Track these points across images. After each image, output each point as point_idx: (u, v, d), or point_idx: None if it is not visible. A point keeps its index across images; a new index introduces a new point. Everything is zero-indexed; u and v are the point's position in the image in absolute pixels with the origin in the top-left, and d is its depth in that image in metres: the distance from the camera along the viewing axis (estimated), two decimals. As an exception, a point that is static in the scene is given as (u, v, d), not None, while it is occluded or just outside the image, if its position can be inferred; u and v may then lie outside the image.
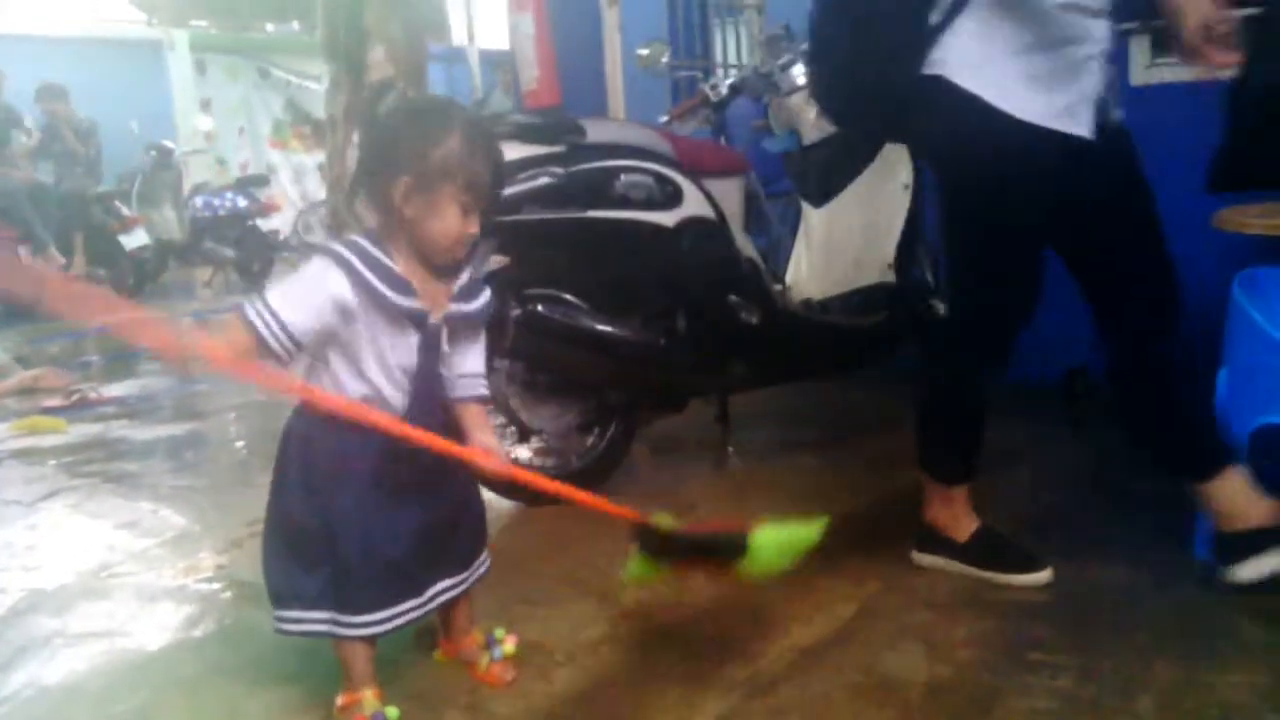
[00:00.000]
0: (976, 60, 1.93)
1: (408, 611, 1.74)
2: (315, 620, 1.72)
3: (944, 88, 1.95)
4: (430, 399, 1.76)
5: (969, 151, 1.99)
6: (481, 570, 1.90)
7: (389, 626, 1.71)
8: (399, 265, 1.66)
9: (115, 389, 4.95)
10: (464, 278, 1.76)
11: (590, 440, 2.90)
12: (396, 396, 1.71)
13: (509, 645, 1.94)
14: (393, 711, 1.73)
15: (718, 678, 1.85)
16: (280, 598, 1.74)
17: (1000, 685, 1.78)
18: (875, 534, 2.46)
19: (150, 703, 1.90)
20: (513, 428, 2.81)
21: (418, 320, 1.69)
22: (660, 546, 1.91)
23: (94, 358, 6.17)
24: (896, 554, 2.37)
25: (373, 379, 1.69)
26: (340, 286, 1.61)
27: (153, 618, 2.29)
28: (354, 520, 1.67)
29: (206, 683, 1.96)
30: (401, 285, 1.65)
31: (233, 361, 1.57)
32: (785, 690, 1.81)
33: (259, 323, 1.57)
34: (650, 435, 3.23)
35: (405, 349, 1.70)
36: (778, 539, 1.89)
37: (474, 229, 1.68)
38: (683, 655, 1.96)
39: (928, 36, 1.97)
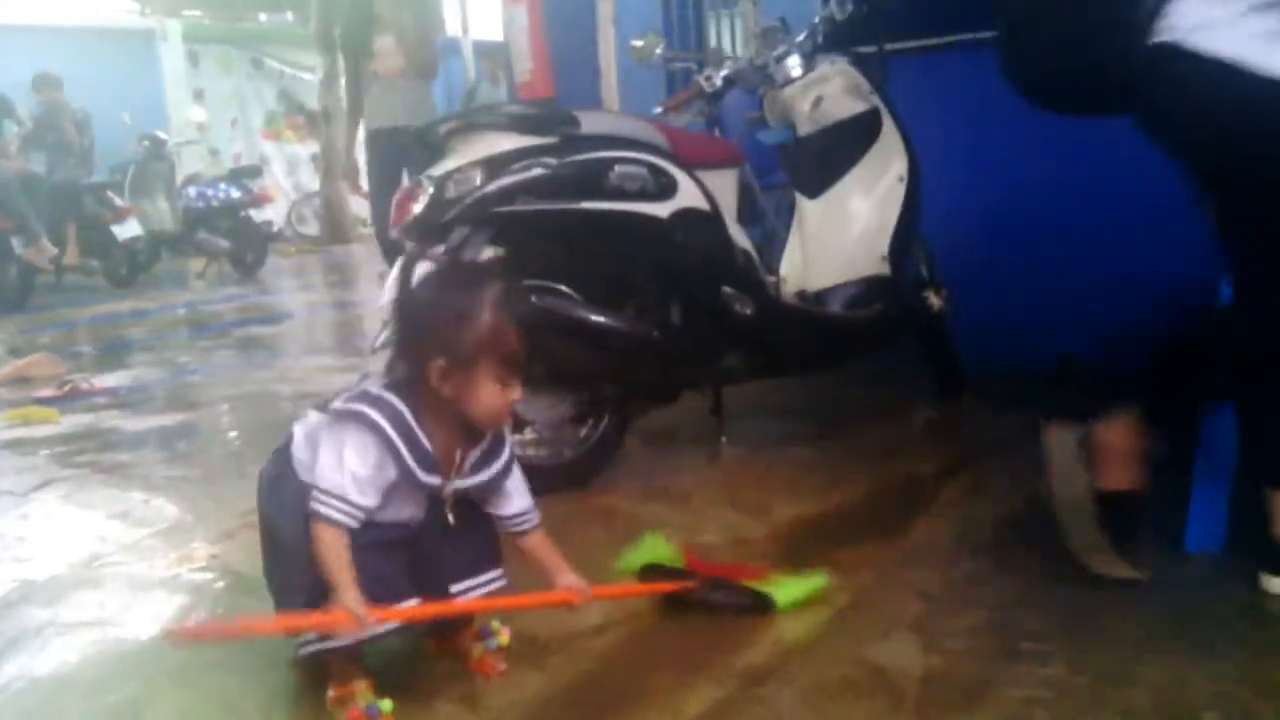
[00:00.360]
0: (1209, 23, 1.84)
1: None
2: (310, 641, 1.72)
3: (1178, 54, 1.87)
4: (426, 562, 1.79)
5: (1216, 115, 1.88)
6: (493, 586, 1.86)
7: (368, 633, 1.68)
8: (429, 434, 1.69)
9: (108, 379, 4.94)
10: (486, 439, 1.78)
11: (583, 432, 2.90)
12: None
13: (504, 637, 1.94)
14: (386, 704, 1.72)
15: (711, 667, 1.85)
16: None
17: (993, 676, 1.78)
18: (869, 525, 2.47)
19: (142, 693, 1.89)
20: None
21: (432, 494, 1.74)
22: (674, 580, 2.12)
23: (86, 348, 6.16)
24: (890, 545, 2.37)
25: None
26: (390, 469, 1.66)
27: (145, 608, 2.28)
28: None
29: (199, 673, 1.95)
30: (429, 463, 1.69)
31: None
32: (778, 680, 1.81)
33: (351, 520, 1.64)
34: (644, 427, 3.23)
35: (413, 508, 1.75)
36: (793, 595, 2.08)
37: (516, 395, 1.69)
38: (676, 645, 1.97)
39: (1153, 6, 1.89)
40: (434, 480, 1.71)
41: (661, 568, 2.14)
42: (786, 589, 2.08)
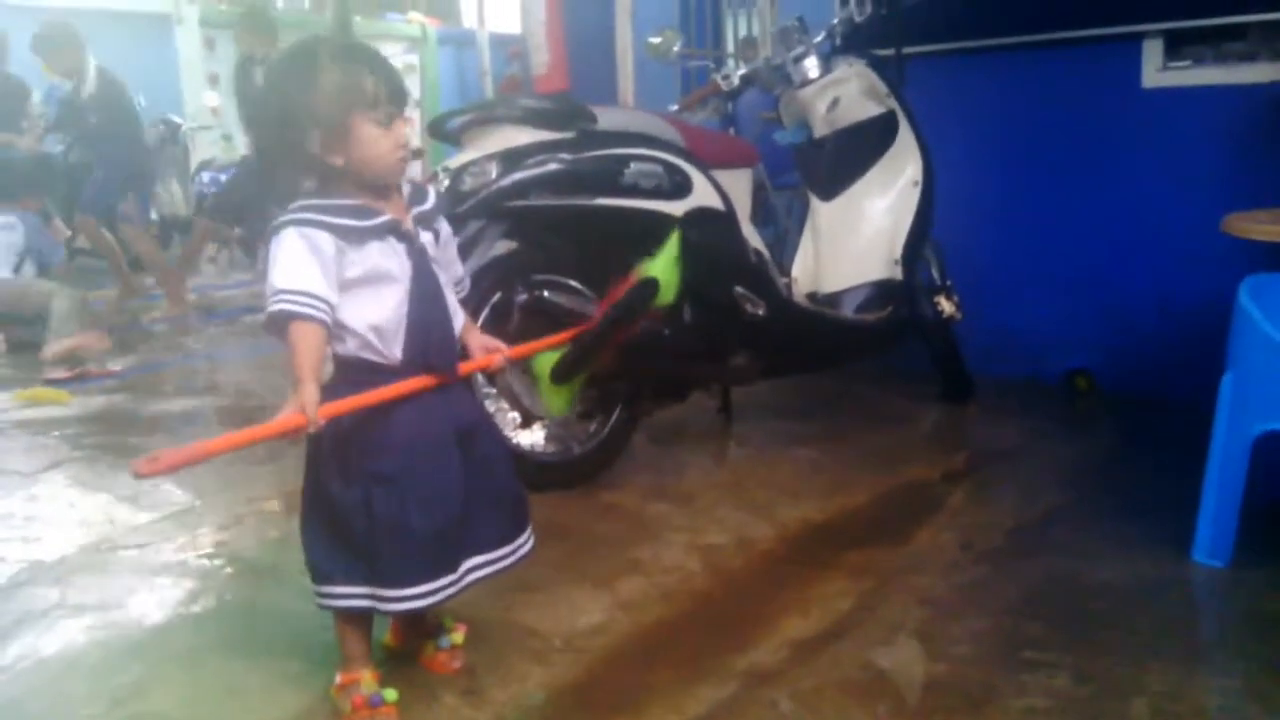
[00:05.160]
0: None
1: (444, 588, 1.71)
2: (357, 595, 1.71)
3: None
4: (437, 326, 1.74)
5: None
6: (522, 551, 1.86)
7: (426, 602, 1.69)
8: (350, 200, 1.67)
9: (118, 363, 4.95)
10: (405, 189, 1.77)
11: (592, 428, 2.90)
12: (398, 331, 1.70)
13: (457, 635, 1.91)
14: (390, 693, 1.73)
15: (714, 667, 1.86)
16: (320, 574, 1.73)
17: (996, 683, 1.78)
18: (873, 529, 2.47)
19: (148, 676, 1.90)
20: (515, 413, 2.81)
21: (394, 230, 1.69)
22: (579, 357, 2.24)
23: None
24: (894, 550, 2.37)
25: (377, 320, 1.69)
26: (323, 241, 1.61)
27: (152, 592, 2.29)
28: (394, 491, 1.66)
29: (204, 658, 1.96)
30: (363, 211, 1.66)
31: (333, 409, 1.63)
32: (781, 682, 1.81)
33: (305, 310, 1.59)
34: (652, 425, 3.23)
35: (397, 265, 1.69)
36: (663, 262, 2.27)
37: (401, 133, 1.67)
38: (680, 644, 1.97)
39: None
40: (379, 218, 1.67)
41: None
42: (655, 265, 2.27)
